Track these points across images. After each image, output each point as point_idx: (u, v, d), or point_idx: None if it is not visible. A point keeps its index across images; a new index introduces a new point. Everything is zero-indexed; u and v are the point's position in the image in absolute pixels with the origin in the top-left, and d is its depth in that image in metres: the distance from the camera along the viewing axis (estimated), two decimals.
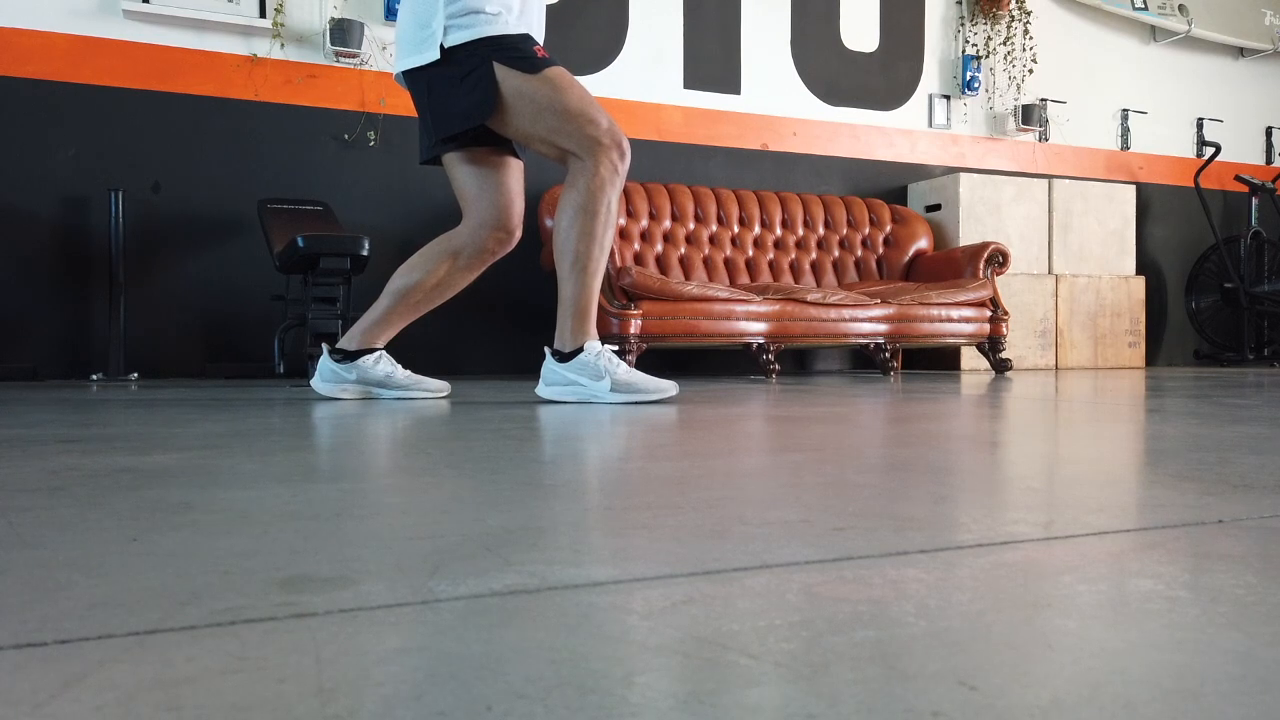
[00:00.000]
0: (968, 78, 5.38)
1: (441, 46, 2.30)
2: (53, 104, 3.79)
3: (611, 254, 3.79)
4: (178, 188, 3.96)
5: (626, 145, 2.34)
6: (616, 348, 2.62)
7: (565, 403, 2.30)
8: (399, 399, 2.53)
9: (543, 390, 2.38)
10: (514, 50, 2.29)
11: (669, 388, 2.34)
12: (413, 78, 2.40)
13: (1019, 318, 4.97)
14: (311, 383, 2.59)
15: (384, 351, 2.58)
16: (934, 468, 1.13)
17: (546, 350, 2.39)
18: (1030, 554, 0.67)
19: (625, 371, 2.31)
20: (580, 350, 2.32)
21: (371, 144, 4.22)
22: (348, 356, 2.54)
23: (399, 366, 2.59)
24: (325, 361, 2.55)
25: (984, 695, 0.40)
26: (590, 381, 2.30)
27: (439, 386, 2.60)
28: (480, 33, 2.28)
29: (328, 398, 2.54)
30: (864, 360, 5.26)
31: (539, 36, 2.41)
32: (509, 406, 2.23)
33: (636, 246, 4.38)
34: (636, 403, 2.28)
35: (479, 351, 4.41)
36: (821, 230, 4.84)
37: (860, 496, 0.91)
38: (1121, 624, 0.50)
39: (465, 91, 2.32)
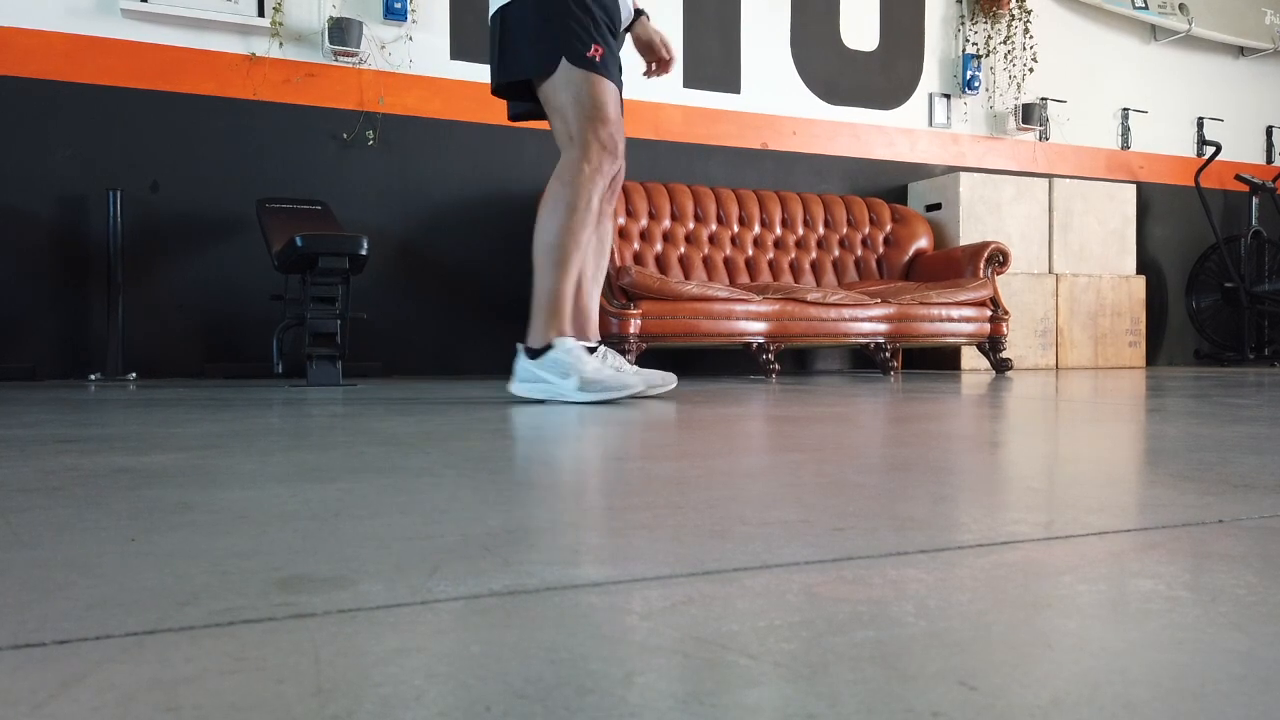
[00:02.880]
0: (968, 77, 5.37)
1: None
2: (51, 103, 3.79)
3: (611, 253, 3.78)
4: (176, 187, 3.95)
5: (621, 151, 2.35)
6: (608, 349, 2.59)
7: (538, 401, 2.27)
8: (632, 397, 2.41)
9: (515, 387, 2.35)
10: (583, 27, 2.28)
11: (644, 381, 2.29)
12: (495, 18, 2.38)
13: (1019, 317, 4.96)
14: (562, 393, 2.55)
15: (606, 346, 2.53)
16: (934, 468, 1.13)
17: (519, 346, 2.37)
18: (1030, 554, 0.67)
19: (594, 370, 2.27)
20: (550, 346, 2.30)
21: (370, 143, 4.22)
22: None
23: (626, 362, 2.50)
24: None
25: (984, 695, 0.40)
26: (557, 379, 2.27)
27: (668, 380, 2.50)
28: None
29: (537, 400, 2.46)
30: (864, 360, 5.26)
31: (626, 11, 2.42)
32: (508, 406, 2.23)
33: (636, 246, 4.38)
34: (603, 401, 2.24)
35: (478, 351, 4.40)
36: (821, 230, 4.84)
37: (860, 496, 0.91)
38: (1122, 624, 0.50)
39: (534, 39, 2.30)
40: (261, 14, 4.04)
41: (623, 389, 2.27)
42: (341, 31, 4.06)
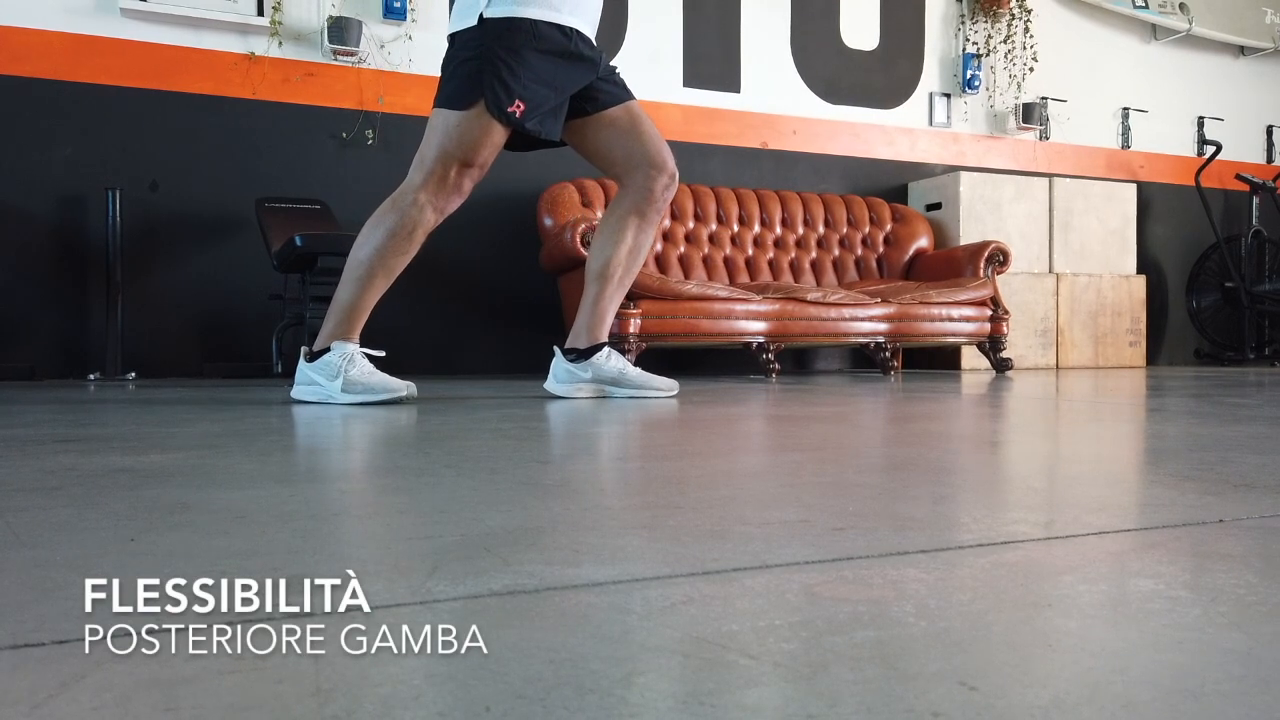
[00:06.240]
0: (968, 76, 5.37)
1: (481, 15, 2.22)
2: (50, 103, 3.78)
3: None
4: (175, 187, 3.95)
5: (444, 206, 2.34)
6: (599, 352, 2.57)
7: (309, 402, 2.27)
8: (631, 398, 2.46)
9: (292, 392, 2.36)
10: (501, 79, 2.22)
11: (399, 387, 2.28)
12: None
13: (1019, 317, 4.96)
14: (546, 385, 2.54)
15: (610, 347, 2.53)
16: (934, 467, 1.13)
17: (303, 349, 2.36)
18: (1031, 554, 0.67)
19: (360, 373, 2.27)
20: (327, 350, 2.31)
21: (369, 142, 4.21)
22: (581, 355, 2.50)
23: (629, 363, 2.54)
24: (560, 362, 2.52)
25: (984, 695, 0.39)
26: (326, 381, 2.28)
27: (669, 385, 2.54)
28: (517, 10, 2.20)
29: (561, 397, 2.46)
30: (864, 360, 5.25)
31: (589, 26, 2.36)
32: (507, 406, 2.23)
33: None
34: (366, 403, 2.24)
35: (476, 350, 4.40)
36: (821, 229, 4.84)
37: (860, 496, 0.91)
38: (1122, 624, 0.50)
39: (450, 74, 2.28)
40: (261, 13, 4.04)
41: (386, 392, 2.27)
42: (341, 31, 4.06)
